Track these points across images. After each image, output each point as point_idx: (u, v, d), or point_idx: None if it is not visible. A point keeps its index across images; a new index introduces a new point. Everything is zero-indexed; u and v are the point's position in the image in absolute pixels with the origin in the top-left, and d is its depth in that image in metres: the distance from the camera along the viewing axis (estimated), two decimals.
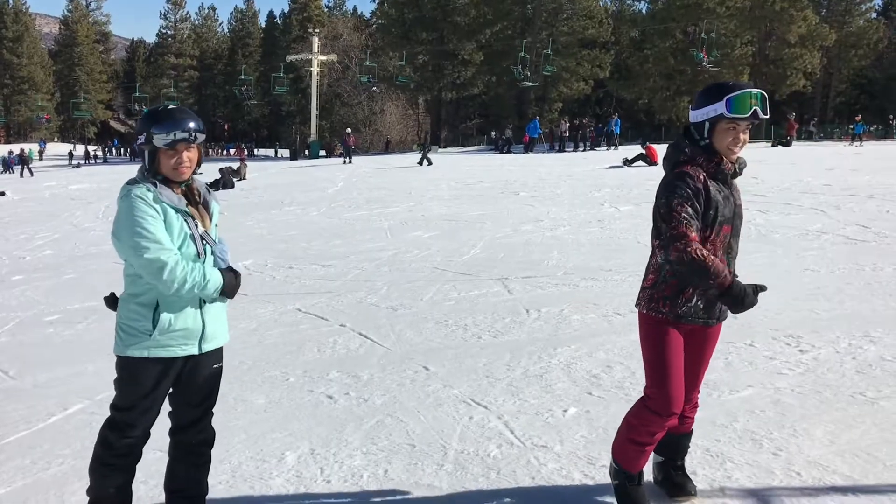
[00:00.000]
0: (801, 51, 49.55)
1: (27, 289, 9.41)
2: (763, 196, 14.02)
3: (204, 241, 2.91)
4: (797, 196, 13.82)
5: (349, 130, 40.73)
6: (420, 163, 29.48)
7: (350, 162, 33.93)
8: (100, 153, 68.36)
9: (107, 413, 2.97)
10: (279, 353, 5.89)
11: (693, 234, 2.74)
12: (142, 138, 2.83)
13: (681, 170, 2.86)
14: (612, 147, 35.38)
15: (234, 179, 25.35)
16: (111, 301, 2.97)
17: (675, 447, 3.18)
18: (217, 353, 3.05)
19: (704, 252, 2.73)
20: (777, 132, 37.34)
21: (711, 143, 2.88)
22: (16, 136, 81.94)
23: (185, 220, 2.87)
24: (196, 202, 2.95)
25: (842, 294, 6.93)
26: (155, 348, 2.85)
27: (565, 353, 5.40)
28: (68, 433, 4.19)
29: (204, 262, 2.89)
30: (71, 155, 62.45)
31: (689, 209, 2.76)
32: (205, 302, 2.93)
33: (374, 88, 55.57)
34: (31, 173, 39.56)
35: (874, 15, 66.83)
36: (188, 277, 2.78)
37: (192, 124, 2.83)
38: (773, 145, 32.50)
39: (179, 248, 2.83)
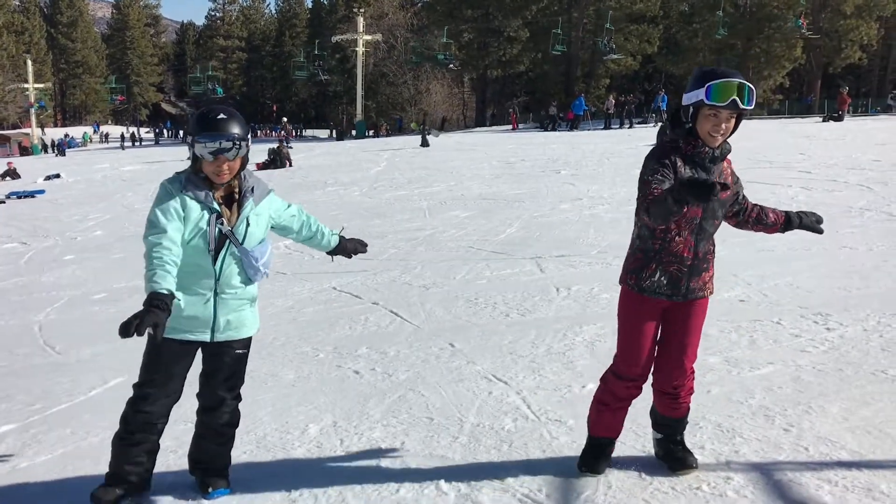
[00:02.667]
0: (856, 22, 47.92)
1: (77, 268, 9.78)
2: (808, 172, 13.76)
3: (227, 240, 3.00)
4: (843, 172, 13.52)
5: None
6: (422, 145, 29.86)
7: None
8: (151, 135, 69.72)
9: None
10: (312, 329, 6.06)
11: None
12: (189, 138, 2.96)
13: (653, 149, 2.99)
14: (660, 124, 34.85)
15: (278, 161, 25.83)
16: None
17: (671, 427, 3.25)
18: (240, 341, 3.15)
19: (654, 192, 2.78)
20: (830, 106, 36.34)
21: (694, 127, 2.92)
22: (71, 118, 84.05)
23: (210, 216, 2.97)
24: (232, 200, 3.04)
25: (878, 272, 6.83)
26: (169, 329, 2.94)
27: (590, 330, 5.45)
28: (106, 406, 4.40)
29: (217, 258, 3.00)
30: (122, 137, 63.89)
31: (659, 175, 2.84)
32: (219, 293, 3.05)
33: (451, 66, 54.67)
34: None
35: None
36: (148, 264, 2.81)
37: (236, 135, 2.90)
38: (823, 120, 31.67)
39: (189, 241, 2.94)
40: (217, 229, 2.99)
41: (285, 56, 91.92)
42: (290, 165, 25.62)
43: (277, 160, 25.72)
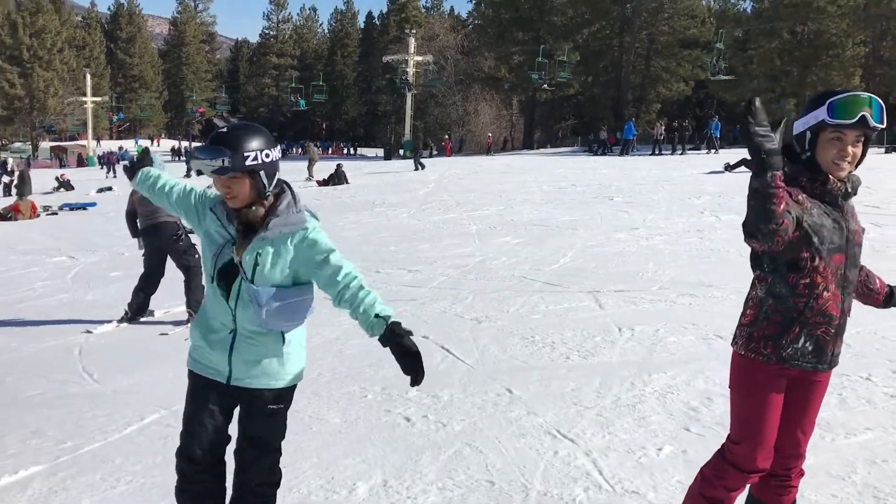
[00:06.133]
0: None
1: (122, 287, 9.60)
2: (876, 207, 13.12)
3: (237, 273, 2.69)
4: None
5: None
6: (416, 168, 29.92)
7: None
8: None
9: (180, 425, 2.83)
10: (359, 365, 5.72)
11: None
12: None
13: None
14: (713, 150, 34.12)
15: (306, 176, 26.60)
16: None
17: None
18: (271, 392, 2.79)
19: None
20: (892, 137, 35.17)
21: (814, 156, 2.50)
22: (126, 132, 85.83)
23: (223, 243, 2.71)
24: (251, 233, 2.69)
25: None
26: (191, 360, 2.80)
27: (660, 380, 5.02)
28: (142, 445, 4.11)
29: (230, 293, 2.71)
30: (173, 151, 64.85)
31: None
32: (238, 331, 2.74)
33: (546, 86, 54.22)
34: (115, 174, 37.98)
35: None
36: None
37: (224, 152, 2.56)
38: (886, 151, 30.63)
39: (204, 264, 2.78)
40: (226, 258, 2.69)
41: (337, 75, 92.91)
42: (348, 183, 25.81)
43: (336, 178, 26.07)
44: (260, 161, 2.61)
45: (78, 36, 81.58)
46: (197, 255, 7.29)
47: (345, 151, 72.01)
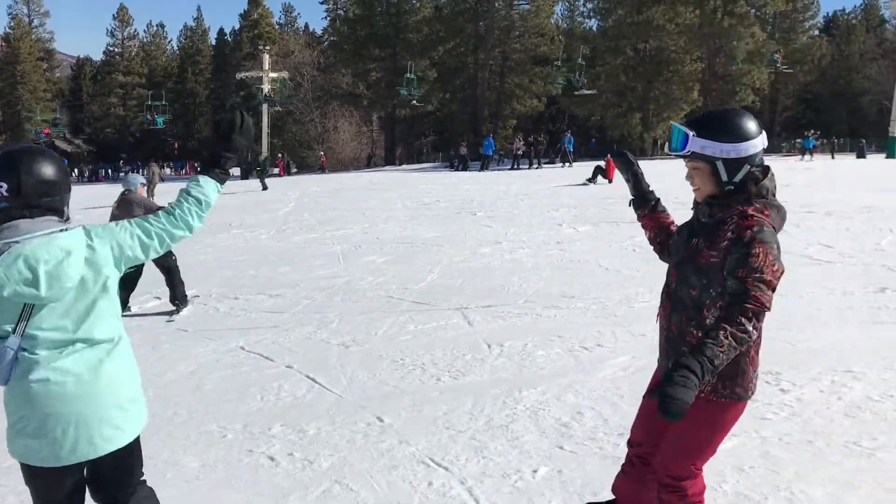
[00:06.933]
0: (749, 67, 50.35)
1: None
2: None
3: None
4: None
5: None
6: (263, 189, 29.56)
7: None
8: None
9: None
10: (219, 401, 5.35)
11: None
12: None
13: (764, 223, 2.48)
14: (567, 164, 35.32)
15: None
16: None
17: None
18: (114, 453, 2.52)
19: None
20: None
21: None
22: None
23: None
24: None
25: (814, 322, 6.65)
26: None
27: (531, 396, 4.97)
28: None
29: None
30: None
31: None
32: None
33: (414, 102, 53.51)
34: None
35: (817, 32, 68.57)
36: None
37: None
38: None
39: None
40: None
41: (188, 93, 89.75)
42: None
43: None
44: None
45: None
46: (174, 258, 8.62)
47: (196, 171, 69.45)
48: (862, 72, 65.90)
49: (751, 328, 2.25)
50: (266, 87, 53.08)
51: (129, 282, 8.53)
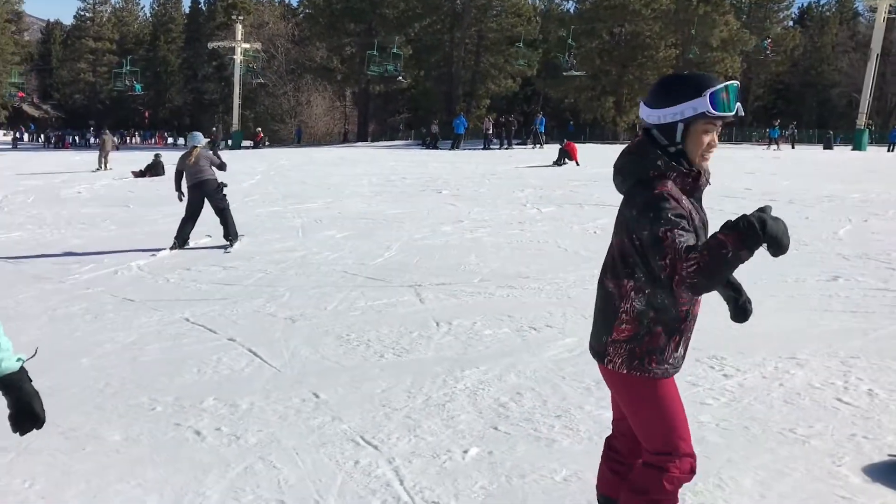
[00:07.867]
0: (722, 55, 50.54)
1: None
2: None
3: None
4: (718, 200, 13.66)
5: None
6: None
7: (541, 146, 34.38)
8: (8, 139, 64.86)
9: None
10: (153, 373, 5.19)
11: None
12: None
13: (660, 191, 2.28)
14: (538, 145, 35.27)
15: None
16: None
17: None
18: None
19: (700, 252, 2.09)
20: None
21: (684, 148, 2.36)
22: None
23: None
24: None
25: (763, 308, 6.59)
26: None
27: (473, 375, 4.88)
28: None
29: None
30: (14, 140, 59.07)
31: (681, 230, 2.18)
32: None
33: (400, 78, 52.85)
34: None
35: (791, 23, 69.06)
36: None
37: None
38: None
39: None
40: None
41: (160, 61, 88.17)
42: (165, 174, 24.12)
43: (153, 170, 24.26)
44: None
45: None
46: (227, 201, 10.78)
47: (169, 141, 68.45)
48: (833, 64, 66.50)
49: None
50: (238, 59, 52.24)
51: (188, 223, 10.47)
